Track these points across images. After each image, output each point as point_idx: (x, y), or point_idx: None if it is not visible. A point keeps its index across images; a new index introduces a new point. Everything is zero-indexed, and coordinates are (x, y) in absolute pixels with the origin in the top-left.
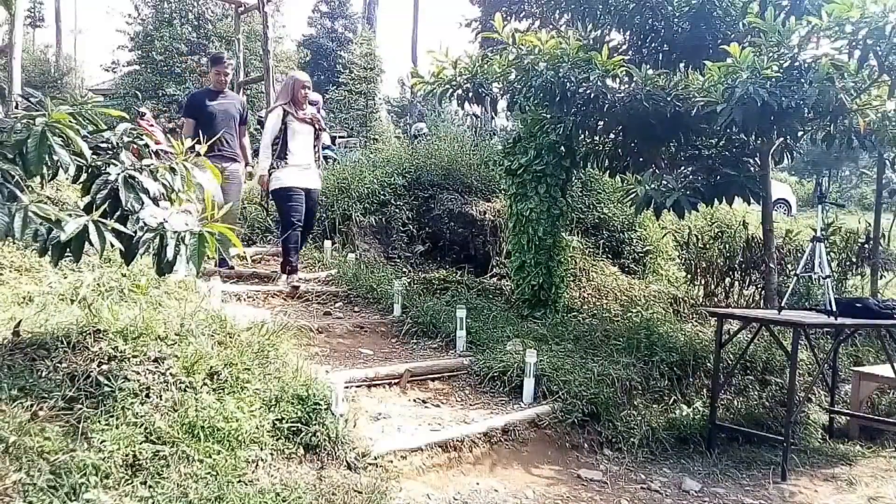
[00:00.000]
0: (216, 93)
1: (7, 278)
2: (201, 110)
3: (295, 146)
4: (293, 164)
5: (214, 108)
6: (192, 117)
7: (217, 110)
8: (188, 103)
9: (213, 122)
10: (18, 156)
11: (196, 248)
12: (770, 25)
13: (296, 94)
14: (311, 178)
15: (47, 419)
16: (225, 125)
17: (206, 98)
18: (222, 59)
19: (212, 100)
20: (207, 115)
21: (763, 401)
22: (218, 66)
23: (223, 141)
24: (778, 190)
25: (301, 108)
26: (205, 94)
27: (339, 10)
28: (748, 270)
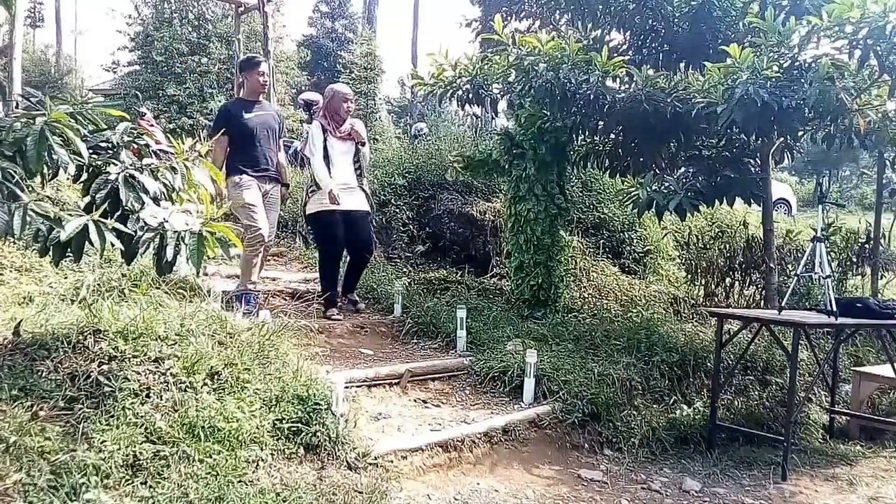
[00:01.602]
0: (252, 103)
1: (7, 278)
2: (238, 125)
3: (335, 166)
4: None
5: (253, 121)
6: (227, 133)
7: (256, 124)
8: (221, 116)
9: (253, 139)
10: (18, 154)
11: (196, 248)
12: (770, 25)
13: (337, 110)
14: (354, 198)
15: (48, 419)
16: (265, 141)
17: (242, 110)
18: (259, 62)
19: (248, 111)
20: (245, 129)
21: (763, 401)
22: (255, 69)
23: (266, 159)
24: (778, 190)
25: (340, 123)
26: (239, 105)
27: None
28: (748, 270)
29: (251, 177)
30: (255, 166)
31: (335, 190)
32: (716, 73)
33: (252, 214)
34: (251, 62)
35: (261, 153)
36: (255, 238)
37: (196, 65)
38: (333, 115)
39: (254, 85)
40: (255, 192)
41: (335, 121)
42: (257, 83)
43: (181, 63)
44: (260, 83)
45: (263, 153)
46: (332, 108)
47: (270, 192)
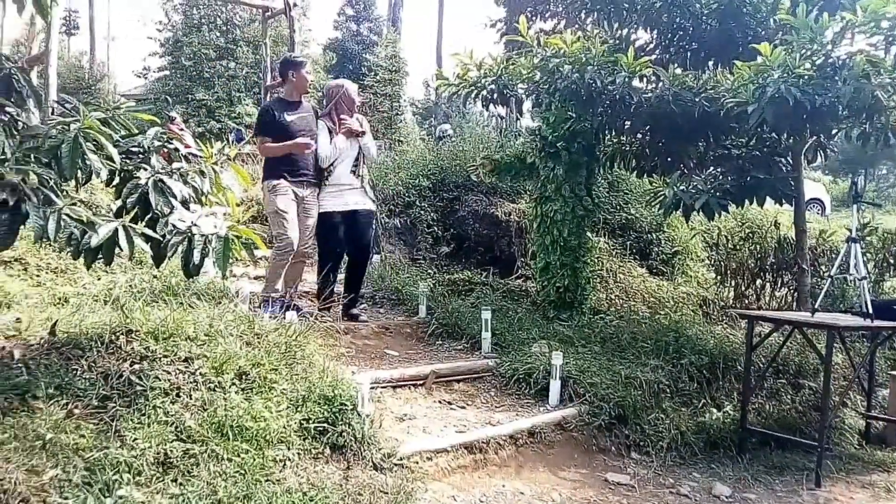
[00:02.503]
0: (294, 104)
1: (44, 279)
2: (280, 126)
3: (337, 165)
4: (333, 183)
5: (295, 122)
6: (269, 135)
7: (297, 127)
8: (262, 118)
9: (295, 139)
10: (53, 160)
11: (222, 252)
12: (802, 22)
13: (342, 105)
14: (356, 197)
15: (82, 417)
16: None
17: (284, 111)
18: (304, 63)
19: (290, 113)
20: (286, 132)
21: (796, 405)
22: (300, 69)
23: (305, 163)
24: (811, 189)
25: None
26: (281, 105)
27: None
28: (780, 272)
29: (288, 182)
30: (293, 171)
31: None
32: (746, 71)
33: (282, 222)
34: (295, 62)
35: (300, 157)
36: (283, 246)
37: (224, 69)
38: (340, 111)
39: (297, 85)
40: (289, 198)
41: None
42: (302, 83)
43: (209, 68)
44: (305, 83)
45: (302, 157)
46: (340, 104)
47: (307, 198)
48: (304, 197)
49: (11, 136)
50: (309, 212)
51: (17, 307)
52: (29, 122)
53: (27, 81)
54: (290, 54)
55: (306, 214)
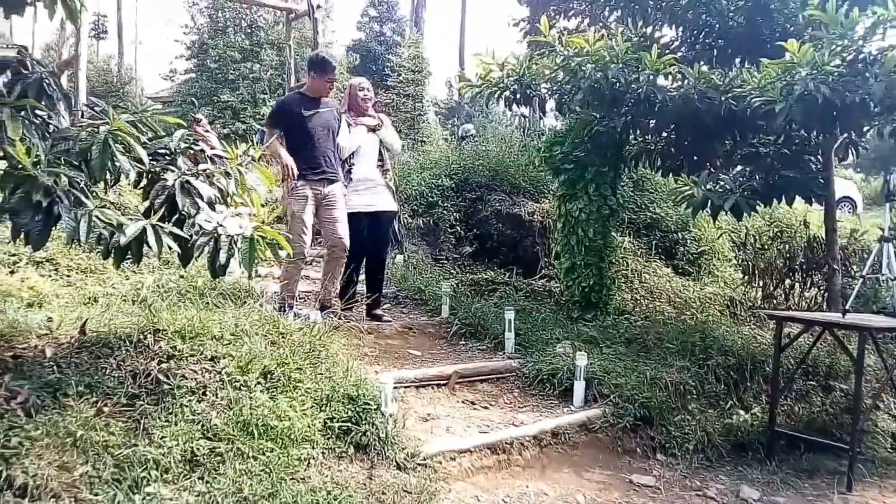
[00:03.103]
0: (313, 100)
1: (74, 279)
2: (296, 121)
3: (359, 162)
4: (357, 179)
5: (312, 119)
6: (281, 129)
7: (315, 123)
8: (277, 111)
9: (313, 138)
10: (83, 163)
11: (248, 252)
12: (832, 17)
13: (354, 101)
14: (378, 197)
15: (111, 415)
16: (325, 140)
17: (302, 106)
18: (332, 68)
19: (308, 108)
20: (304, 128)
21: (826, 407)
22: (326, 75)
23: (325, 159)
24: (842, 188)
25: (362, 115)
26: (299, 100)
27: (387, 14)
28: (810, 272)
29: (307, 181)
30: (313, 168)
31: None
32: (773, 69)
33: (296, 226)
34: (324, 66)
35: (320, 154)
36: (296, 254)
37: (248, 71)
38: (353, 108)
39: (319, 87)
40: (307, 201)
41: (356, 113)
42: (323, 88)
43: (234, 70)
44: (321, 89)
45: (323, 154)
46: (351, 102)
47: (331, 194)
48: (327, 194)
49: (43, 139)
50: (335, 205)
51: (49, 307)
52: (60, 126)
53: (58, 85)
54: (318, 53)
55: (332, 208)
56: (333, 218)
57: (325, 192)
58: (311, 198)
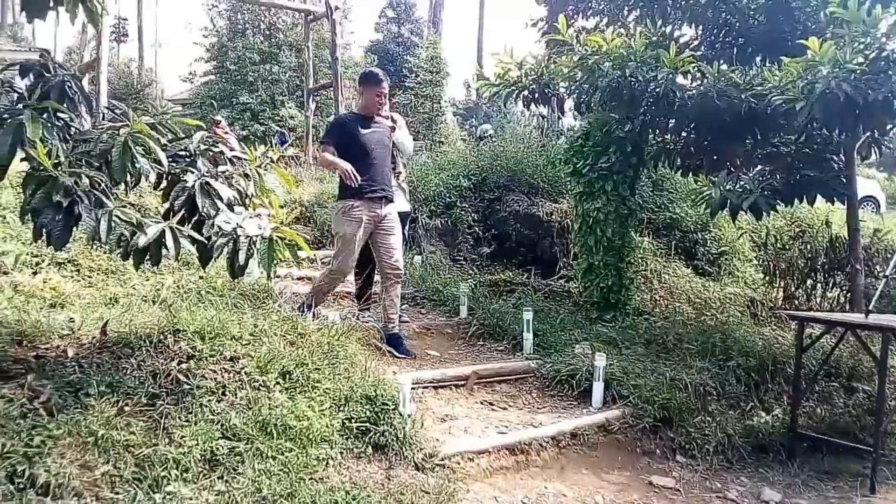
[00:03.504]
0: (368, 119)
1: (95, 280)
2: (352, 140)
3: None
4: None
5: (369, 136)
6: (331, 142)
7: (372, 140)
8: (335, 127)
9: (370, 157)
10: (104, 164)
11: (267, 253)
12: (853, 15)
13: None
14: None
15: (132, 414)
16: (381, 160)
17: (358, 125)
18: (380, 79)
19: (365, 127)
20: (361, 145)
21: (849, 409)
22: (375, 87)
23: (383, 177)
24: (865, 187)
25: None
26: (355, 119)
27: (405, 15)
28: (832, 272)
29: (364, 201)
30: (371, 187)
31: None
32: (794, 67)
33: (345, 249)
34: (370, 78)
35: (376, 172)
36: (336, 273)
37: (267, 73)
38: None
39: (369, 102)
40: (362, 226)
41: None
42: (372, 103)
43: (253, 72)
44: (375, 103)
45: (379, 172)
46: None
47: (387, 217)
48: (384, 217)
49: (65, 141)
50: (392, 231)
51: (71, 307)
52: (81, 128)
53: (79, 88)
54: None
55: (389, 234)
56: (390, 245)
57: (383, 213)
58: (365, 221)
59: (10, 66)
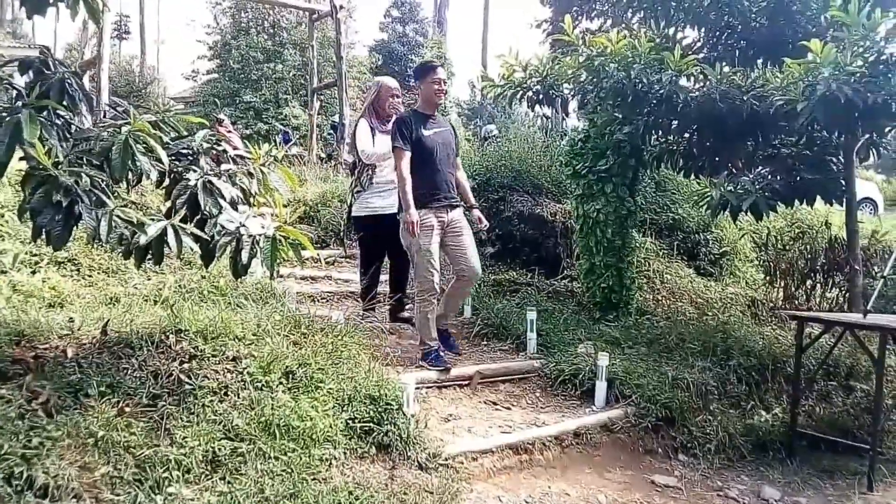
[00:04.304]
0: (428, 117)
1: (96, 280)
2: (415, 143)
3: (382, 165)
4: (379, 182)
5: (432, 139)
6: (406, 146)
7: (435, 142)
8: (403, 127)
9: (434, 159)
10: (105, 162)
11: (270, 252)
12: (853, 19)
13: (384, 106)
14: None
15: (133, 415)
16: (445, 163)
17: (421, 125)
18: (435, 67)
19: (427, 127)
20: (424, 150)
21: (847, 408)
22: (430, 75)
23: (447, 183)
24: (863, 188)
25: (388, 119)
26: (417, 118)
27: (409, 15)
28: (831, 272)
29: (430, 209)
30: (435, 195)
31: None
32: (795, 69)
33: (425, 263)
34: (425, 67)
35: (441, 178)
36: (426, 289)
37: (271, 72)
38: (380, 111)
39: (428, 94)
40: (434, 233)
41: (382, 118)
42: (431, 92)
43: (257, 70)
44: (434, 92)
45: (444, 178)
46: (380, 104)
47: (454, 221)
48: (450, 221)
49: (64, 139)
50: (461, 231)
51: (71, 307)
52: (81, 126)
53: (80, 85)
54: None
55: (459, 234)
56: (462, 244)
57: (449, 219)
58: (436, 227)
59: (8, 62)
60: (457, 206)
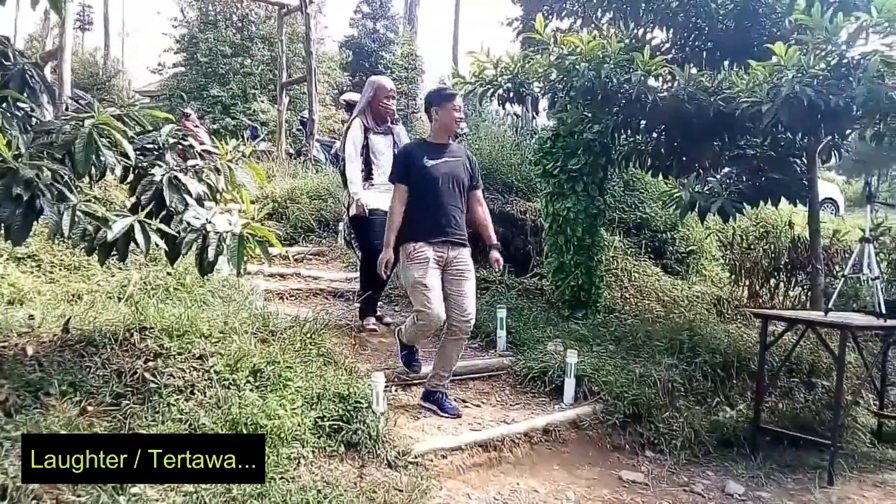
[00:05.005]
0: (439, 147)
1: (57, 276)
2: (418, 173)
3: (378, 165)
4: (377, 184)
5: (438, 169)
6: (404, 182)
7: (441, 174)
8: (401, 160)
9: (435, 191)
10: (67, 156)
11: (236, 249)
12: (817, 22)
13: (379, 108)
14: None
15: (95, 415)
16: (451, 196)
17: (425, 155)
18: (453, 95)
19: (433, 157)
20: (427, 181)
21: (809, 404)
22: (448, 103)
23: (451, 218)
24: (825, 189)
25: (383, 121)
26: (424, 148)
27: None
28: (794, 271)
29: (427, 243)
30: (433, 229)
31: (364, 199)
32: (761, 71)
33: (423, 297)
34: (444, 94)
35: (442, 213)
36: (425, 324)
37: (239, 66)
38: (375, 113)
39: (445, 122)
40: (430, 265)
41: (377, 119)
42: (450, 121)
43: (225, 64)
44: (455, 120)
45: (446, 212)
46: (375, 105)
47: (457, 261)
48: (452, 258)
49: (25, 132)
50: (464, 274)
51: (31, 304)
52: (43, 118)
53: (41, 77)
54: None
55: (461, 278)
56: (461, 290)
57: (451, 255)
58: (432, 260)
59: None
60: (461, 244)
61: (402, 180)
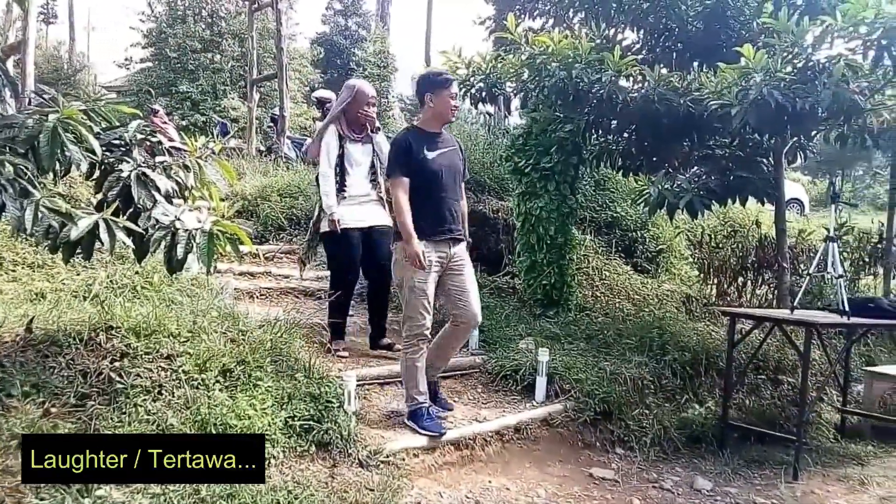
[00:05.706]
0: (434, 136)
1: (20, 274)
2: (418, 166)
3: (352, 175)
4: (351, 195)
5: (438, 161)
6: (406, 174)
7: (441, 166)
8: (401, 152)
9: (438, 185)
10: (31, 151)
11: (206, 247)
12: (784, 25)
13: (357, 115)
14: (372, 211)
15: (59, 416)
16: (452, 189)
17: (424, 145)
18: (450, 81)
19: (432, 148)
20: (428, 173)
21: (775, 400)
22: (445, 88)
23: (452, 213)
24: (791, 189)
25: (360, 128)
26: (420, 138)
27: (352, 8)
28: (761, 270)
29: (430, 243)
30: (438, 227)
31: (338, 215)
32: (729, 73)
33: (416, 302)
34: (440, 79)
35: (446, 207)
36: (415, 334)
37: (209, 62)
38: (352, 120)
39: (441, 109)
40: (432, 272)
41: (353, 126)
42: (445, 108)
43: (194, 60)
44: (450, 108)
45: (449, 207)
46: (353, 112)
47: (457, 257)
48: (452, 257)
49: None
50: (463, 271)
51: None
52: (5, 113)
53: (3, 71)
54: (431, 71)
55: (460, 274)
56: (464, 288)
57: (451, 253)
58: (435, 264)
59: None
60: (461, 239)
61: (403, 173)
